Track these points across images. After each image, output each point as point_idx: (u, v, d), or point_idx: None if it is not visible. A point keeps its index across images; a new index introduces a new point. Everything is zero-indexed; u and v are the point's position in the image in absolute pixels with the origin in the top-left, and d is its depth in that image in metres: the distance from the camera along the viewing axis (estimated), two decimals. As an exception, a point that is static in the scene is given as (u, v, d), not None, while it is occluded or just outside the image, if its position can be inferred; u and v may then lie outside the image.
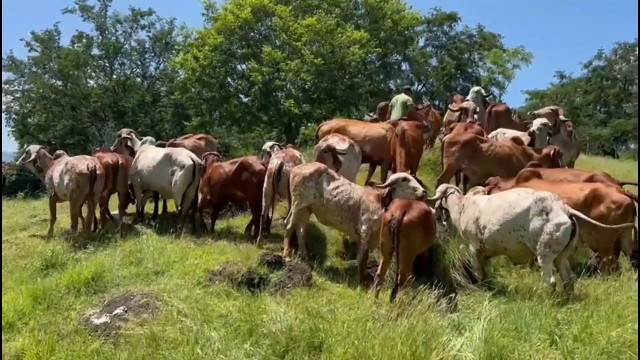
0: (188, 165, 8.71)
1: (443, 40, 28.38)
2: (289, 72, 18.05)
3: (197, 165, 8.83)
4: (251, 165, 8.51)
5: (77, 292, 6.04)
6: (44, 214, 10.21)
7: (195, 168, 8.76)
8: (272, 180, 7.88)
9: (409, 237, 5.92)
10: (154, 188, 9.42)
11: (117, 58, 31.86)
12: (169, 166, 8.79)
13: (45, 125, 30.22)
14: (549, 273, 5.91)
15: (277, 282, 6.51)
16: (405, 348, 4.11)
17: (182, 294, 5.98)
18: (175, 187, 8.69)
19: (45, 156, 8.75)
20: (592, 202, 6.71)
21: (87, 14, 30.19)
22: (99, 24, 30.93)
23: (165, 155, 8.91)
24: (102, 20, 30.99)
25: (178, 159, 8.78)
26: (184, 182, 8.69)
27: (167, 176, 8.76)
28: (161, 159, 8.88)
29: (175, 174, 8.69)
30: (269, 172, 8.05)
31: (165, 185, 8.88)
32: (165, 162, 8.84)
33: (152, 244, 7.40)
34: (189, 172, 8.70)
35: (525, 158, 8.85)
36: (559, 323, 4.72)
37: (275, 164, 7.98)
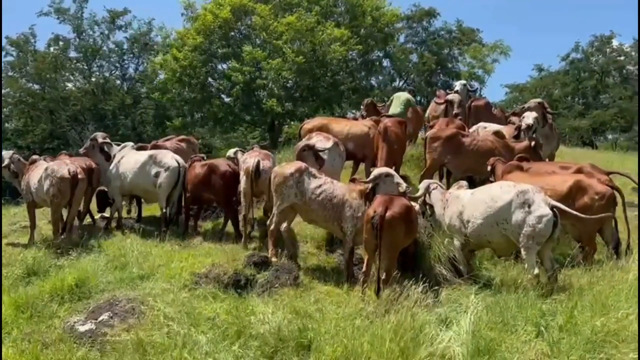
0: (173, 167, 8.68)
1: (423, 36, 28.53)
2: (270, 71, 17.96)
3: (181, 167, 8.79)
4: (217, 167, 8.56)
5: (61, 299, 5.96)
6: (24, 221, 10.04)
7: (180, 170, 8.72)
8: (249, 179, 7.91)
9: (391, 232, 5.94)
10: (136, 192, 9.34)
11: (96, 60, 31.39)
12: (153, 168, 8.73)
13: (23, 130, 29.73)
14: (532, 265, 5.98)
15: (264, 283, 6.49)
16: (393, 344, 4.13)
17: (168, 297, 5.93)
18: (160, 189, 8.66)
19: (20, 161, 8.61)
20: (576, 194, 6.82)
21: (62, 16, 29.64)
22: (75, 26, 30.40)
23: (149, 157, 8.86)
24: (79, 22, 30.46)
25: (163, 161, 8.75)
26: (168, 183, 8.67)
27: (151, 178, 8.70)
28: (145, 161, 8.83)
29: (160, 176, 8.66)
30: (246, 171, 8.08)
31: (149, 188, 8.82)
32: (149, 164, 8.79)
33: (136, 248, 7.33)
34: (174, 173, 8.68)
35: (507, 151, 8.94)
36: (544, 314, 4.78)
37: (252, 162, 7.99)
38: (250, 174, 7.95)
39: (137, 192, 9.32)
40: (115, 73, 32.40)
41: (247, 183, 8.02)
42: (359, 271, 6.97)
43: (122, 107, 30.21)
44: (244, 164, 8.26)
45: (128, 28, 31.17)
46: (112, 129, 29.45)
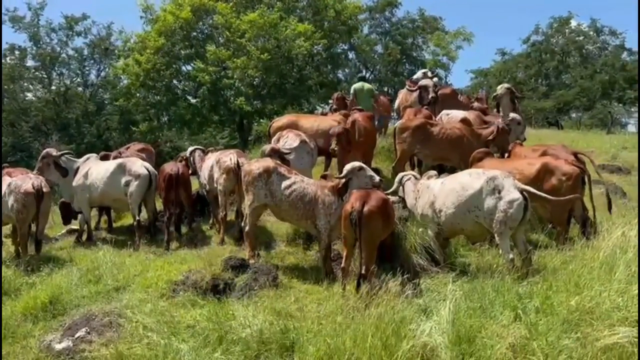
0: (143, 175, 8.55)
1: (386, 27, 28.66)
2: (236, 70, 17.78)
3: (152, 174, 8.66)
4: (163, 169, 8.73)
5: (35, 318, 5.80)
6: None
7: (151, 177, 8.60)
8: (231, 176, 7.97)
9: (370, 226, 5.96)
10: (106, 202, 9.17)
11: (55, 68, 30.61)
12: (123, 177, 8.59)
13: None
14: (507, 249, 6.08)
15: (243, 286, 6.42)
16: (375, 340, 4.14)
17: (146, 308, 5.80)
18: (132, 198, 8.53)
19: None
20: (544, 176, 6.96)
21: (18, 24, 28.80)
22: (31, 34, 29.58)
23: (118, 166, 8.71)
24: (35, 30, 29.65)
25: (132, 169, 8.62)
26: (139, 192, 8.53)
27: (122, 187, 8.56)
28: (114, 170, 8.68)
29: (131, 185, 8.52)
30: (227, 169, 8.05)
31: (120, 197, 8.67)
32: (119, 173, 8.64)
33: (109, 260, 7.17)
34: (144, 181, 8.54)
35: (475, 138, 9.06)
36: (521, 297, 4.84)
37: (233, 159, 8.05)
38: (233, 171, 7.97)
39: (107, 202, 9.17)
40: (76, 80, 31.69)
41: (227, 181, 8.06)
42: (337, 267, 7.00)
43: (85, 114, 29.58)
44: (222, 163, 8.24)
45: (87, 34, 30.54)
46: (77, 137, 28.89)
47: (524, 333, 4.08)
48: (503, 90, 9.53)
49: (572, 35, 33.65)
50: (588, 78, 30.86)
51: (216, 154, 8.85)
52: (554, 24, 33.91)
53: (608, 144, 15.71)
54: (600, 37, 33.22)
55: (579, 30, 33.70)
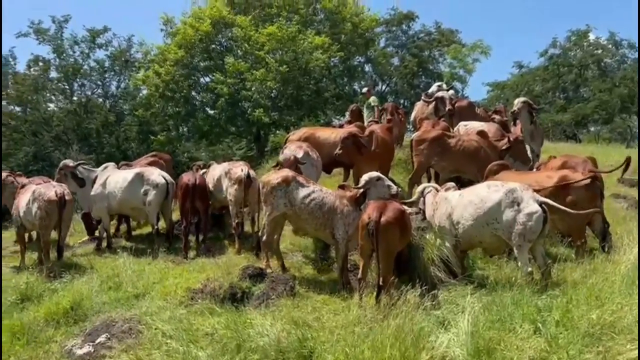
0: (161, 184, 8.69)
1: (403, 40, 28.76)
2: (255, 82, 17.97)
3: (169, 183, 8.78)
4: (181, 179, 8.82)
5: (57, 323, 5.89)
6: (13, 246, 9.95)
7: (168, 186, 8.72)
8: (242, 187, 8.13)
9: (387, 237, 5.98)
10: (124, 210, 9.30)
11: (77, 79, 31.19)
12: (141, 186, 8.72)
13: (6, 153, 29.38)
14: (525, 262, 6.04)
15: (260, 295, 6.46)
16: (394, 350, 4.15)
17: (165, 315, 5.88)
18: (150, 206, 8.65)
19: (13, 184, 8.54)
20: (562, 189, 6.90)
21: (42, 37, 29.45)
22: (55, 46, 30.22)
23: (136, 175, 8.85)
24: (59, 42, 30.29)
25: (150, 178, 8.75)
26: (157, 201, 8.65)
27: (140, 196, 8.69)
28: (132, 179, 8.82)
29: (149, 194, 8.64)
30: (238, 179, 8.19)
31: (138, 206, 8.80)
32: (137, 182, 8.78)
33: (129, 267, 7.27)
34: (162, 190, 8.67)
35: (492, 150, 9.07)
36: (541, 310, 4.81)
37: (244, 171, 8.23)
38: (242, 182, 8.13)
39: (126, 210, 9.30)
40: (97, 91, 32.25)
41: (239, 191, 8.19)
42: (353, 277, 7.01)
43: (105, 125, 30.04)
44: (233, 174, 8.37)
45: (108, 46, 31.10)
46: (97, 147, 29.37)
47: (543, 346, 4.06)
48: (520, 104, 9.49)
49: (590, 49, 33.36)
50: (607, 91, 30.52)
51: (224, 165, 8.99)
52: (572, 37, 33.69)
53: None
54: (619, 50, 32.91)
55: (597, 44, 33.42)
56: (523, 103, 9.50)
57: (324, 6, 20.38)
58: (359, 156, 8.91)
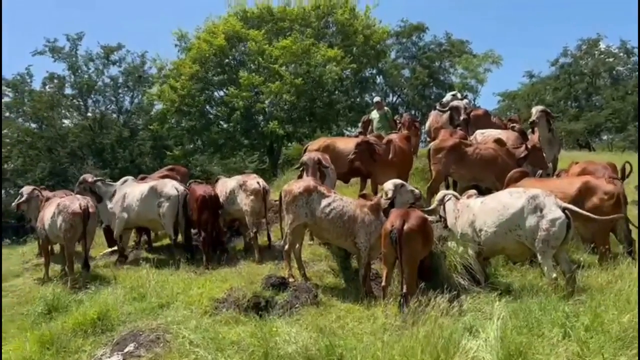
0: (174, 196, 8.76)
1: (413, 51, 28.89)
2: (270, 95, 18.16)
3: (181, 195, 8.84)
4: (195, 191, 8.83)
5: (85, 333, 5.95)
6: (36, 259, 10.09)
7: (179, 197, 8.79)
8: (259, 198, 8.34)
9: (410, 245, 6.02)
10: (142, 223, 9.36)
11: (91, 95, 31.66)
12: (155, 198, 8.82)
13: (22, 169, 29.80)
14: (550, 268, 6.03)
15: (284, 304, 6.51)
16: (425, 355, 4.16)
17: (190, 324, 5.91)
18: (165, 218, 8.74)
19: (38, 197, 8.69)
20: (585, 195, 6.89)
21: (57, 54, 29.97)
22: (70, 63, 30.73)
23: (151, 188, 8.95)
24: (73, 59, 30.81)
25: (164, 191, 8.85)
26: (171, 213, 8.73)
27: (155, 208, 8.77)
28: (148, 192, 8.93)
29: (162, 206, 8.73)
30: (254, 191, 8.37)
31: (154, 218, 8.90)
32: (152, 195, 8.89)
33: (153, 278, 7.33)
34: (174, 202, 8.74)
35: (510, 157, 9.07)
36: (568, 316, 4.80)
37: (260, 182, 8.50)
38: (260, 193, 8.36)
39: (143, 223, 9.36)
40: (111, 107, 32.68)
41: (256, 202, 8.39)
42: (375, 286, 7.03)
43: (120, 140, 30.40)
44: (248, 186, 8.53)
45: (122, 62, 31.57)
46: (112, 162, 29.72)
47: (575, 350, 4.05)
48: (539, 113, 9.50)
49: (601, 57, 33.31)
50: (620, 99, 30.42)
51: (237, 178, 9.10)
52: (583, 46, 33.67)
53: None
54: (631, 58, 32.80)
55: (608, 52, 33.37)
56: (541, 112, 9.50)
57: (336, 19, 20.60)
58: (375, 164, 8.96)
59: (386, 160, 8.92)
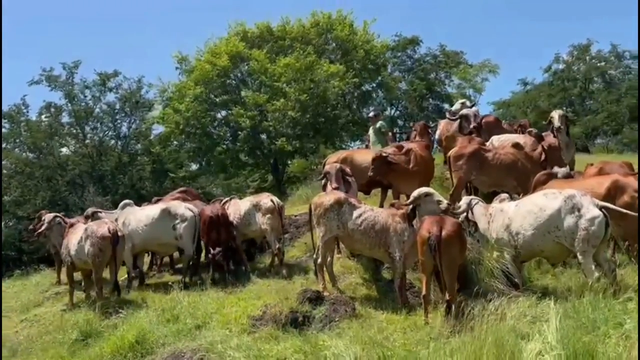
0: (190, 217, 8.70)
1: (408, 64, 29.11)
2: (275, 112, 18.22)
3: (196, 215, 8.79)
4: (203, 212, 8.81)
5: (124, 358, 5.85)
6: (53, 287, 9.96)
7: (196, 218, 8.74)
8: (276, 214, 8.49)
9: (449, 251, 5.97)
10: (150, 247, 9.23)
11: (89, 123, 31.60)
12: (170, 221, 8.72)
13: (21, 200, 29.57)
14: (590, 268, 6.00)
15: (323, 318, 6.41)
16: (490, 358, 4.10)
17: (232, 343, 5.83)
18: (183, 240, 8.63)
19: (60, 224, 8.60)
20: (616, 194, 6.88)
21: (54, 83, 29.97)
22: (66, 91, 30.73)
23: (162, 211, 8.84)
24: (70, 87, 30.82)
25: (178, 212, 8.77)
26: (189, 233, 8.67)
27: (170, 231, 8.67)
28: (160, 215, 8.79)
29: (178, 228, 8.63)
30: (270, 209, 8.51)
31: (168, 241, 8.79)
32: (165, 217, 8.76)
33: (184, 299, 7.23)
34: (192, 222, 8.68)
35: (529, 161, 9.10)
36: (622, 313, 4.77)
37: (275, 200, 8.66)
38: (276, 210, 8.50)
39: (152, 247, 9.23)
40: (109, 134, 32.60)
41: (273, 220, 8.50)
42: (409, 295, 6.98)
43: (119, 166, 30.30)
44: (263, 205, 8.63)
45: (119, 89, 31.59)
46: (112, 188, 29.56)
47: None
48: (562, 118, 9.62)
49: (593, 62, 33.78)
50: (614, 102, 30.76)
51: (249, 199, 9.17)
52: (574, 51, 34.15)
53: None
54: (622, 61, 33.27)
55: (599, 56, 33.84)
56: (563, 117, 9.57)
57: (336, 36, 20.80)
58: (396, 175, 8.94)
59: (407, 169, 8.90)
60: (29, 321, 8.27)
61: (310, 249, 9.00)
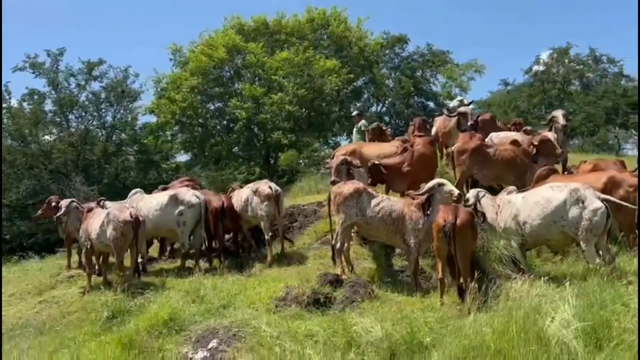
0: (196, 204, 8.97)
1: (396, 62, 29.64)
2: (272, 106, 18.50)
3: (203, 202, 9.07)
4: (210, 202, 9.21)
5: (159, 334, 6.12)
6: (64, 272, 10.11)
7: (201, 205, 9.03)
8: (272, 201, 8.85)
9: (463, 238, 6.45)
10: (159, 233, 9.51)
11: (73, 111, 31.30)
12: (176, 207, 8.97)
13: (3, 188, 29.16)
14: (593, 255, 6.54)
15: (344, 299, 6.78)
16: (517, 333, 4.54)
17: (262, 320, 6.16)
18: (184, 226, 8.92)
19: (78, 209, 8.79)
20: (612, 188, 7.46)
21: (38, 70, 29.59)
22: (51, 79, 30.38)
23: (170, 197, 9.11)
24: (54, 75, 30.48)
25: (185, 199, 9.03)
26: (192, 220, 8.95)
27: (175, 217, 8.93)
28: (167, 202, 9.07)
29: (184, 214, 8.89)
30: (268, 195, 8.86)
31: (173, 227, 9.04)
32: (172, 204, 9.03)
33: (207, 282, 7.53)
34: (197, 210, 8.96)
35: (526, 157, 9.64)
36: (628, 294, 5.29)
37: (273, 187, 9.00)
38: (274, 197, 8.87)
39: (161, 233, 9.52)
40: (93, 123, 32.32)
41: (270, 206, 8.85)
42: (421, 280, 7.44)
43: (105, 155, 30.14)
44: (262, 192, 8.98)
45: (104, 78, 31.35)
46: (98, 178, 29.39)
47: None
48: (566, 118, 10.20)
49: (572, 65, 34.85)
50: (592, 104, 31.82)
51: (249, 186, 9.47)
52: (553, 54, 35.16)
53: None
54: (599, 65, 34.42)
55: (578, 60, 34.91)
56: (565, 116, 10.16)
57: (331, 32, 21.16)
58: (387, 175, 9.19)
59: (399, 169, 9.15)
60: (47, 302, 8.44)
61: (319, 236, 9.45)
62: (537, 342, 4.44)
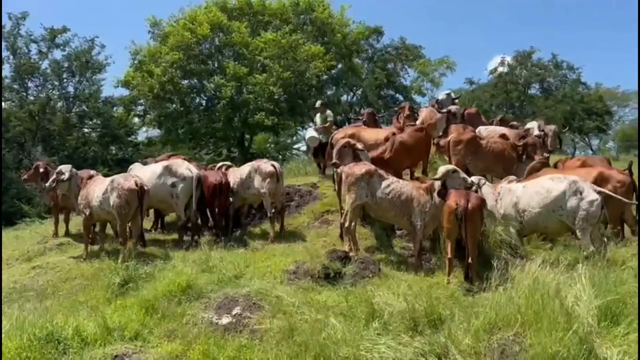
0: (189, 177, 8.94)
1: (370, 53, 29.95)
2: (255, 86, 18.41)
3: (196, 176, 9.04)
4: (206, 178, 9.25)
5: (178, 300, 6.18)
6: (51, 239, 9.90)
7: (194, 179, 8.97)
8: (274, 179, 9.03)
9: (473, 221, 6.79)
10: (153, 204, 9.41)
11: (33, 79, 30.01)
12: (169, 178, 8.93)
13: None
14: (588, 243, 7.04)
15: (354, 274, 7.03)
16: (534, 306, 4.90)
17: (278, 290, 6.32)
18: (178, 199, 8.88)
19: (77, 176, 8.60)
20: (601, 183, 7.99)
21: (-5, 33, 28.14)
22: (10, 43, 29.02)
23: (164, 168, 9.06)
24: (14, 39, 29.12)
25: (178, 171, 8.98)
26: (185, 193, 8.91)
27: (168, 188, 8.88)
28: (161, 172, 9.01)
29: (177, 186, 8.87)
30: (270, 173, 9.02)
31: (165, 199, 9.00)
32: (165, 175, 8.97)
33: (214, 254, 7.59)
34: (189, 183, 8.92)
35: (513, 151, 10.15)
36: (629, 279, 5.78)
37: (276, 165, 9.21)
38: (276, 175, 9.04)
39: (154, 204, 9.42)
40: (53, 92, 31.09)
41: (272, 184, 9.03)
42: (423, 261, 7.78)
43: (66, 127, 29.11)
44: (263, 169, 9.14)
45: (67, 46, 30.19)
46: (58, 149, 28.39)
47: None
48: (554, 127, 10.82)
49: (534, 69, 36.23)
50: (551, 108, 33.24)
51: (251, 164, 9.58)
52: (518, 57, 36.43)
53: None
54: (560, 71, 35.94)
55: (539, 64, 36.31)
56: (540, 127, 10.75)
57: (316, 17, 21.19)
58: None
59: (381, 157, 9.24)
60: (41, 268, 8.29)
61: (317, 216, 9.65)
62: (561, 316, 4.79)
